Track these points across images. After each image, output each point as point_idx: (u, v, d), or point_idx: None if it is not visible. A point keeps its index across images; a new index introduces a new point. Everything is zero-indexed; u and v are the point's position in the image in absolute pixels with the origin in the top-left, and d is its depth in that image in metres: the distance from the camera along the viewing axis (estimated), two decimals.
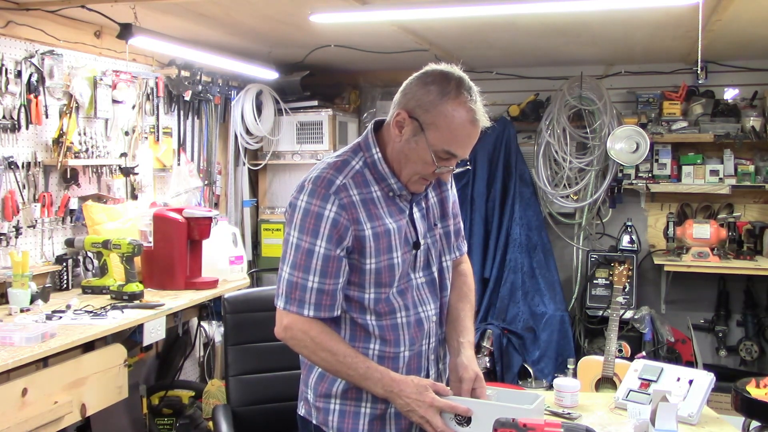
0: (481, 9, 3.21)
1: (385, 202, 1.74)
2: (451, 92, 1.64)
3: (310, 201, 1.66)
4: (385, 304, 1.73)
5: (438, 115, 1.64)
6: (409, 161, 1.70)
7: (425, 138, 1.65)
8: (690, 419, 2.01)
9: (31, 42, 3.28)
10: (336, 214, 1.65)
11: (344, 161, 1.73)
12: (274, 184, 5.22)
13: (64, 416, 2.53)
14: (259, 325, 2.39)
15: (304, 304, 1.68)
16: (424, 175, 1.71)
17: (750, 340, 4.79)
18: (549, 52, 4.62)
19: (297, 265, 1.67)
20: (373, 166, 1.74)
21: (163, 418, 3.94)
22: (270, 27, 3.79)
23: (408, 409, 1.65)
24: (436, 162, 1.67)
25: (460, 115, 1.64)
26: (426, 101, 1.65)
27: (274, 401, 2.33)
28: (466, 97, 1.65)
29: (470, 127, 1.66)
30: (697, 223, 4.67)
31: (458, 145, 1.67)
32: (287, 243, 1.70)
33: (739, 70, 4.90)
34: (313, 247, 1.66)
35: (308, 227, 1.66)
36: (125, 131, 3.87)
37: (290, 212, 1.70)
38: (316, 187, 1.67)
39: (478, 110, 1.66)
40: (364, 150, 1.75)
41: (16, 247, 3.20)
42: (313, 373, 1.79)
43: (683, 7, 3.12)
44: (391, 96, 5.82)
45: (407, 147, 1.69)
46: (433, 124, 1.65)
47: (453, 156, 1.68)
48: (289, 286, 1.69)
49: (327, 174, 1.69)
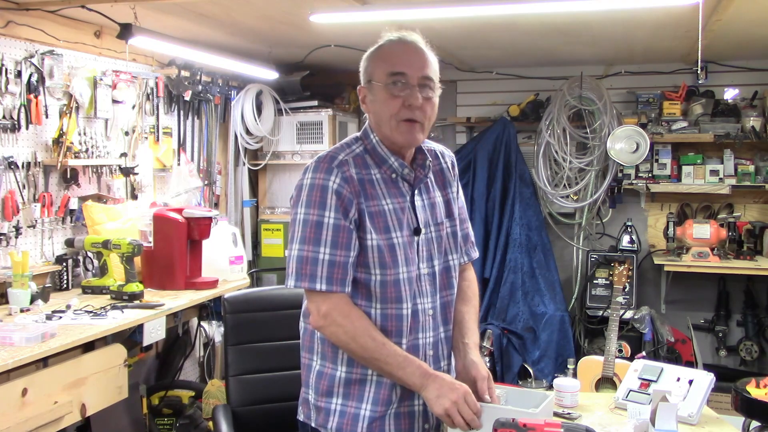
0: (481, 9, 3.22)
1: (385, 184, 1.76)
2: (377, 44, 1.79)
3: (314, 176, 1.68)
4: (394, 288, 1.72)
5: (371, 60, 1.76)
6: (379, 114, 1.74)
7: (375, 84, 1.73)
8: (690, 419, 2.01)
9: (31, 42, 3.28)
10: (339, 186, 1.67)
11: (345, 144, 1.79)
12: (274, 184, 5.22)
13: (64, 416, 2.53)
14: (259, 325, 2.39)
15: (315, 278, 1.66)
16: (397, 114, 1.72)
17: (750, 340, 4.79)
18: (549, 52, 4.62)
19: (306, 239, 1.66)
20: (373, 150, 1.77)
21: (163, 418, 3.94)
22: (270, 27, 3.79)
23: (438, 394, 1.61)
24: (391, 89, 1.71)
25: (386, 45, 1.76)
26: (365, 65, 1.78)
27: (274, 401, 2.33)
28: (389, 36, 1.78)
29: (399, 44, 1.75)
30: (697, 223, 4.67)
31: (397, 60, 1.72)
32: (294, 222, 1.70)
33: (739, 70, 4.90)
34: (322, 218, 1.66)
35: (314, 200, 1.66)
36: (125, 131, 3.87)
37: (296, 194, 1.72)
38: (318, 163, 1.71)
39: (403, 33, 1.76)
40: (363, 138, 1.80)
41: (16, 247, 3.20)
42: (312, 372, 1.78)
43: (683, 7, 3.12)
44: None
45: (373, 105, 1.76)
46: (373, 68, 1.75)
47: (400, 74, 1.71)
48: (299, 261, 1.67)
49: (330, 152, 1.74)
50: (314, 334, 1.78)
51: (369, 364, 1.70)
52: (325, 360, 1.76)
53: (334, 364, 1.75)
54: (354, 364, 1.73)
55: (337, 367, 1.74)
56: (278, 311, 2.42)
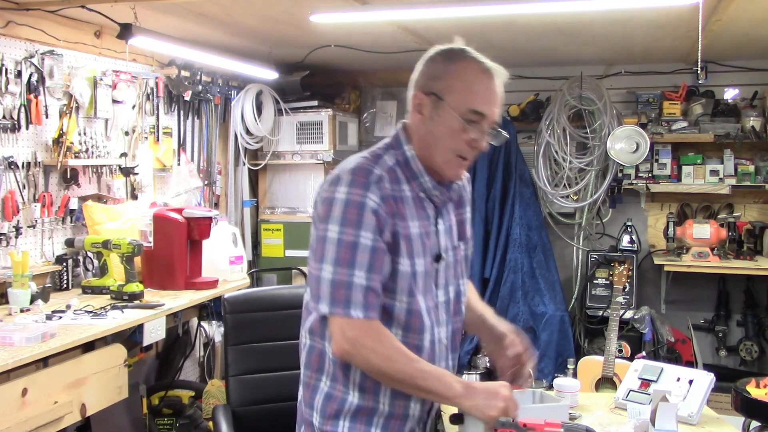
0: (481, 9, 3.21)
1: (414, 203, 1.63)
2: (455, 55, 1.64)
3: (350, 191, 1.54)
4: (418, 318, 1.62)
5: (450, 76, 1.61)
6: (438, 139, 1.61)
7: (446, 105, 1.59)
8: (690, 419, 2.01)
9: (31, 42, 3.28)
10: (376, 204, 1.54)
11: (377, 155, 1.64)
12: (274, 184, 5.22)
13: (64, 416, 2.53)
14: (259, 325, 2.39)
15: (350, 304, 1.52)
16: (458, 150, 1.61)
17: (750, 340, 4.79)
18: (549, 52, 4.62)
19: (340, 261, 1.52)
20: (406, 163, 1.64)
21: (163, 418, 3.94)
22: (270, 27, 3.79)
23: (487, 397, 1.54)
24: (467, 126, 1.59)
25: (472, 68, 1.62)
26: (435, 71, 1.63)
27: (274, 401, 2.33)
28: (473, 56, 1.64)
29: (485, 77, 1.62)
30: (697, 223, 4.67)
31: (480, 99, 1.60)
32: (324, 240, 1.55)
33: (739, 70, 4.90)
34: (357, 239, 1.52)
35: (350, 218, 1.52)
36: (125, 131, 3.87)
37: (325, 207, 1.56)
38: (354, 176, 1.56)
39: (489, 63, 1.63)
40: (394, 148, 1.66)
41: (16, 247, 3.20)
42: (318, 394, 1.66)
43: (683, 7, 3.12)
44: (391, 96, 5.83)
45: (432, 125, 1.61)
46: (449, 87, 1.60)
47: (480, 115, 1.59)
48: (333, 285, 1.53)
49: (364, 164, 1.59)
50: (324, 355, 1.65)
51: (403, 384, 1.57)
52: (335, 382, 1.64)
53: (346, 387, 1.63)
54: (368, 392, 1.62)
55: (349, 391, 1.63)
56: (278, 311, 2.42)
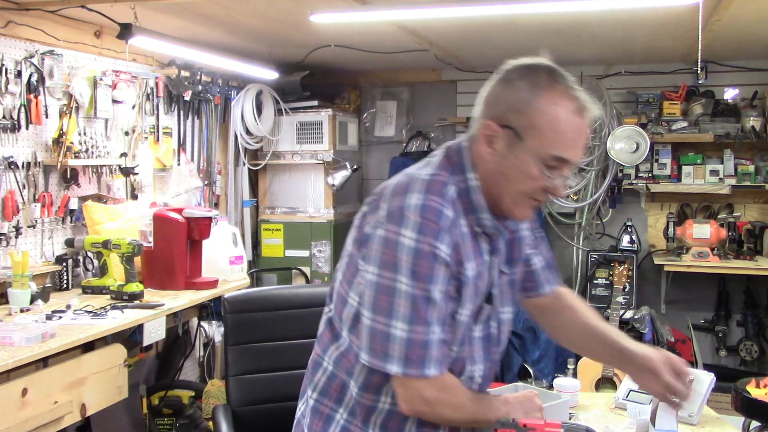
0: (481, 9, 3.21)
1: (469, 239, 1.43)
2: (544, 83, 1.38)
3: (420, 239, 1.34)
4: (461, 364, 1.48)
5: (535, 113, 1.36)
6: (510, 181, 1.40)
7: (525, 146, 1.37)
8: (690, 419, 2.01)
9: (31, 42, 3.28)
10: (447, 255, 1.36)
11: (442, 183, 1.41)
12: (274, 184, 5.22)
13: (64, 416, 2.53)
14: (259, 325, 2.39)
15: (425, 362, 1.35)
16: (531, 194, 1.42)
17: (750, 340, 4.79)
18: (549, 52, 4.61)
19: (415, 318, 1.34)
20: (466, 194, 1.43)
21: (163, 418, 3.94)
22: (270, 27, 3.79)
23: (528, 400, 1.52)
24: (546, 172, 1.37)
25: (563, 107, 1.36)
26: (517, 101, 1.38)
27: (274, 401, 2.33)
28: (564, 84, 1.38)
29: (578, 119, 1.37)
30: (697, 223, 4.67)
31: (568, 145, 1.37)
32: (391, 292, 1.35)
33: (739, 70, 4.90)
34: (430, 293, 1.35)
35: (421, 271, 1.34)
36: (125, 131, 3.87)
37: (388, 251, 1.36)
38: (424, 220, 1.35)
39: (582, 97, 1.38)
40: (458, 172, 1.44)
41: (16, 247, 3.20)
42: (333, 426, 1.52)
43: (683, 7, 3.12)
44: (391, 96, 5.82)
45: (504, 164, 1.40)
46: (532, 127, 1.36)
47: (564, 161, 1.38)
48: (408, 344, 1.34)
49: (433, 203, 1.37)
50: (347, 389, 1.50)
51: (462, 423, 1.47)
52: (353, 417, 1.51)
53: (365, 425, 1.50)
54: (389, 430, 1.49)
55: (368, 429, 1.50)
56: (278, 311, 2.42)
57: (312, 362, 1.61)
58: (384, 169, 5.46)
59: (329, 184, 5.02)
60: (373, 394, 1.48)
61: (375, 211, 1.42)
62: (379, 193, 1.46)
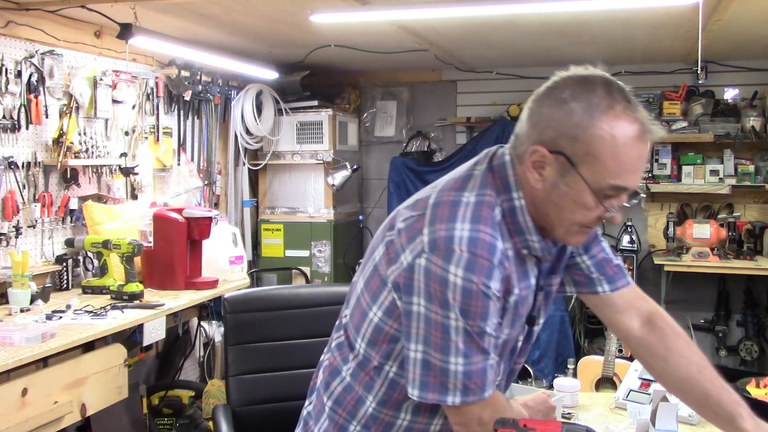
0: (481, 9, 3.21)
1: (515, 262, 1.33)
2: (601, 103, 1.23)
3: (470, 277, 1.23)
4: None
5: (592, 140, 1.22)
6: (562, 211, 1.30)
7: (580, 176, 1.24)
8: (690, 419, 2.01)
9: (31, 42, 3.28)
10: (498, 291, 1.27)
11: (489, 205, 1.30)
12: (274, 184, 5.22)
13: (64, 416, 2.53)
14: (259, 325, 2.39)
15: (484, 388, 1.30)
16: (585, 223, 1.31)
17: (750, 340, 4.79)
18: (549, 52, 4.62)
19: (472, 352, 1.28)
20: (511, 214, 1.32)
21: (163, 418, 3.94)
22: (270, 27, 3.79)
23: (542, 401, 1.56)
24: (602, 202, 1.26)
25: (623, 133, 1.22)
26: (570, 127, 1.23)
27: (274, 401, 2.33)
28: (624, 103, 1.23)
29: (640, 144, 1.24)
30: (697, 223, 4.67)
31: (628, 173, 1.24)
32: (446, 329, 1.26)
33: (739, 70, 4.90)
34: (484, 328, 1.28)
35: (474, 310, 1.25)
36: (125, 131, 3.87)
37: (435, 285, 1.25)
38: (473, 256, 1.24)
39: (644, 118, 1.24)
40: (502, 191, 1.33)
41: (16, 247, 3.20)
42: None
43: (683, 7, 3.12)
44: (391, 96, 5.80)
45: (555, 193, 1.28)
46: (588, 155, 1.23)
47: (623, 189, 1.26)
48: (467, 376, 1.28)
49: (484, 234, 1.26)
50: (363, 401, 1.45)
51: None
52: (368, 430, 1.48)
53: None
54: None
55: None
56: (278, 311, 2.42)
57: (329, 367, 1.53)
58: (384, 169, 5.46)
59: (329, 184, 5.02)
60: (393, 410, 1.44)
61: (414, 233, 1.30)
62: (419, 210, 1.34)
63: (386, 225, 1.41)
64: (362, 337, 1.42)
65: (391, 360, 1.39)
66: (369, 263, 1.42)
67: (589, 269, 1.53)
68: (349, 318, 1.48)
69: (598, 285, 1.54)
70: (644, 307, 1.59)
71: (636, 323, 1.58)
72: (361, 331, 1.42)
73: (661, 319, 1.57)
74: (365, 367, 1.44)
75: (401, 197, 5.22)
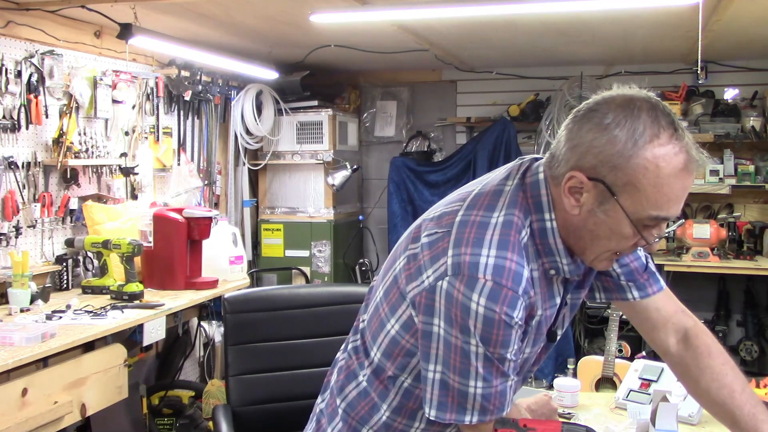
0: (481, 9, 3.22)
1: (540, 282, 1.30)
2: (645, 131, 1.16)
3: (492, 307, 1.20)
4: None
5: (634, 170, 1.16)
6: (597, 238, 1.25)
7: (619, 205, 1.19)
8: (690, 419, 2.01)
9: (31, 42, 3.28)
10: (521, 320, 1.24)
11: (516, 228, 1.26)
12: (274, 184, 5.22)
13: (64, 416, 2.53)
14: (259, 325, 2.39)
15: (502, 407, 1.30)
16: (619, 251, 1.28)
17: (750, 340, 4.79)
18: (549, 52, 4.62)
19: (492, 376, 1.26)
20: (542, 235, 1.28)
21: (163, 418, 3.94)
22: (270, 27, 3.80)
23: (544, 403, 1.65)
24: (641, 233, 1.22)
25: (668, 163, 1.16)
26: (612, 154, 1.17)
27: (274, 401, 2.33)
28: (670, 131, 1.17)
29: (685, 176, 1.18)
30: (697, 223, 4.66)
31: (671, 204, 1.19)
32: (467, 354, 1.24)
33: (739, 70, 4.90)
34: (505, 355, 1.25)
35: (496, 339, 1.22)
36: (125, 131, 3.87)
37: (456, 311, 1.22)
38: (498, 286, 1.20)
39: (690, 147, 1.18)
40: (533, 210, 1.28)
41: (16, 247, 3.20)
42: None
43: (683, 7, 3.12)
44: (391, 96, 5.80)
45: (592, 220, 1.23)
46: (630, 185, 1.17)
47: (664, 219, 1.21)
48: (487, 399, 1.27)
49: (510, 263, 1.22)
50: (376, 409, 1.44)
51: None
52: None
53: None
54: None
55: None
56: (278, 311, 2.42)
57: (346, 369, 1.51)
58: (384, 169, 5.46)
59: (329, 184, 5.02)
60: (407, 419, 1.43)
61: (438, 253, 1.26)
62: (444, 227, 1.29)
63: (410, 235, 1.38)
64: (378, 347, 1.40)
65: (406, 373, 1.38)
66: (390, 272, 1.39)
67: (619, 277, 1.49)
68: (366, 324, 1.46)
69: (628, 291, 1.50)
70: (682, 323, 1.55)
71: (672, 340, 1.55)
72: (378, 340, 1.40)
73: (697, 337, 1.53)
74: (380, 375, 1.42)
75: (401, 197, 5.22)
